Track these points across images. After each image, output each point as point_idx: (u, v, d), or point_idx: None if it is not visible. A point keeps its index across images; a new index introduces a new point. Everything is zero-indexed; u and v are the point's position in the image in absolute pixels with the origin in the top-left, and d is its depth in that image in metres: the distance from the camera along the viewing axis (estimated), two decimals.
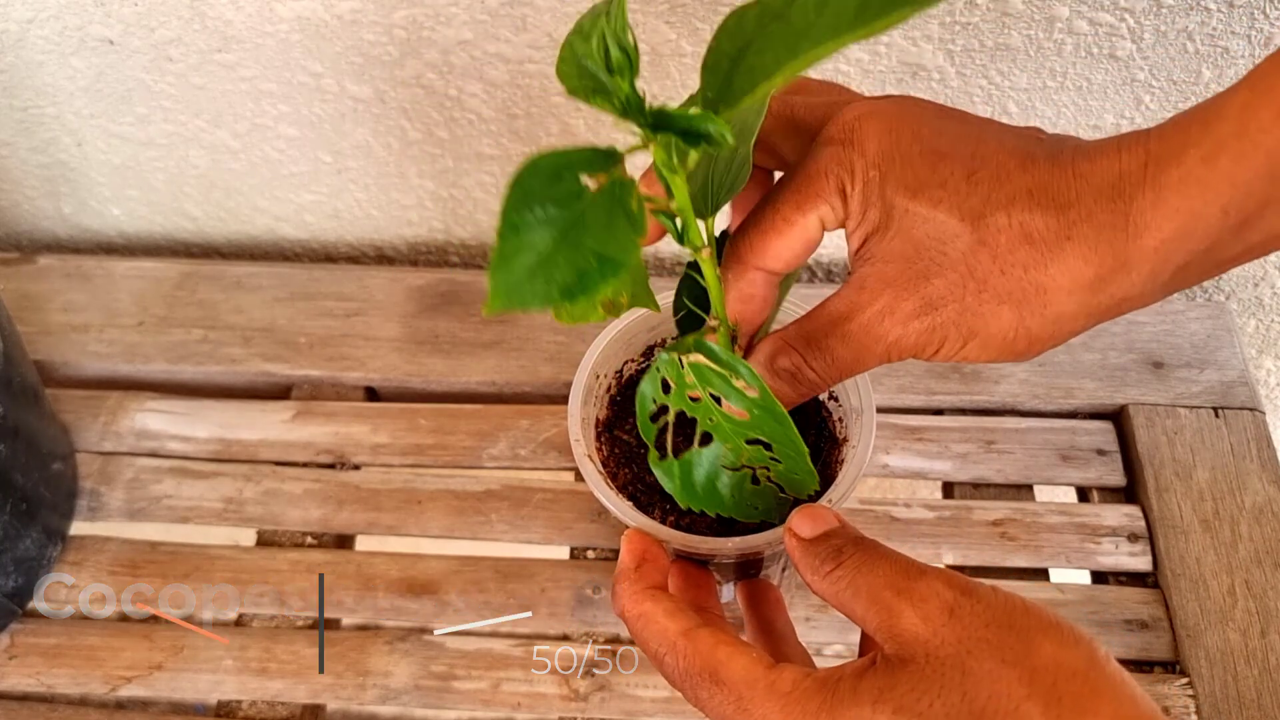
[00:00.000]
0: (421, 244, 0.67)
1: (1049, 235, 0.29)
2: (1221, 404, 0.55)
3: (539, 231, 0.24)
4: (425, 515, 0.53)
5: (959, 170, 0.29)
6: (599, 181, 0.25)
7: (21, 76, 0.57)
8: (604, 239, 0.24)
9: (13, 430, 0.47)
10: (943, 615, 0.27)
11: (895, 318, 0.31)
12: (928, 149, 0.30)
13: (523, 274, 0.23)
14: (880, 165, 0.30)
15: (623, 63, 0.26)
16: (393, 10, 0.51)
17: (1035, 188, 0.29)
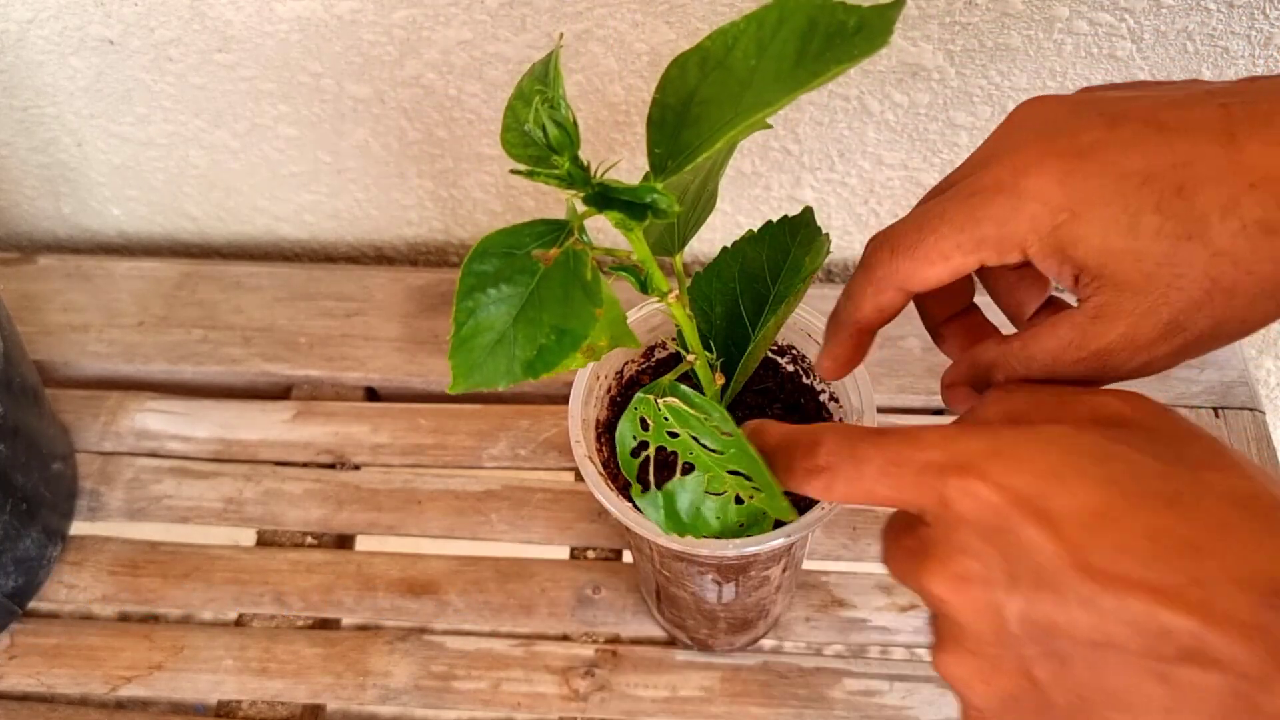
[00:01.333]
0: (421, 244, 0.67)
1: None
2: (1221, 404, 0.55)
3: (494, 309, 0.24)
4: (425, 515, 0.53)
5: (1166, 189, 0.27)
6: (550, 256, 0.24)
7: (21, 76, 0.57)
8: (561, 312, 0.24)
9: (13, 430, 0.47)
10: (1142, 401, 0.28)
11: (1138, 346, 0.28)
12: (1115, 172, 0.27)
13: (482, 353, 0.23)
14: (1069, 208, 0.27)
15: (562, 140, 0.26)
16: (392, 10, 0.51)
17: (1258, 179, 0.26)
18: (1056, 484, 0.25)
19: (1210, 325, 0.27)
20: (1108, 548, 0.24)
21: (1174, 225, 0.26)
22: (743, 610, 0.45)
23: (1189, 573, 0.23)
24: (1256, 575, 0.23)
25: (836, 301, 0.33)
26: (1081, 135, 0.27)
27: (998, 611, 0.25)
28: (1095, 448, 0.26)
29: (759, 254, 0.37)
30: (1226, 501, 0.24)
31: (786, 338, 0.43)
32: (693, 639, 0.48)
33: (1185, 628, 0.23)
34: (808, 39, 0.22)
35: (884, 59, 0.52)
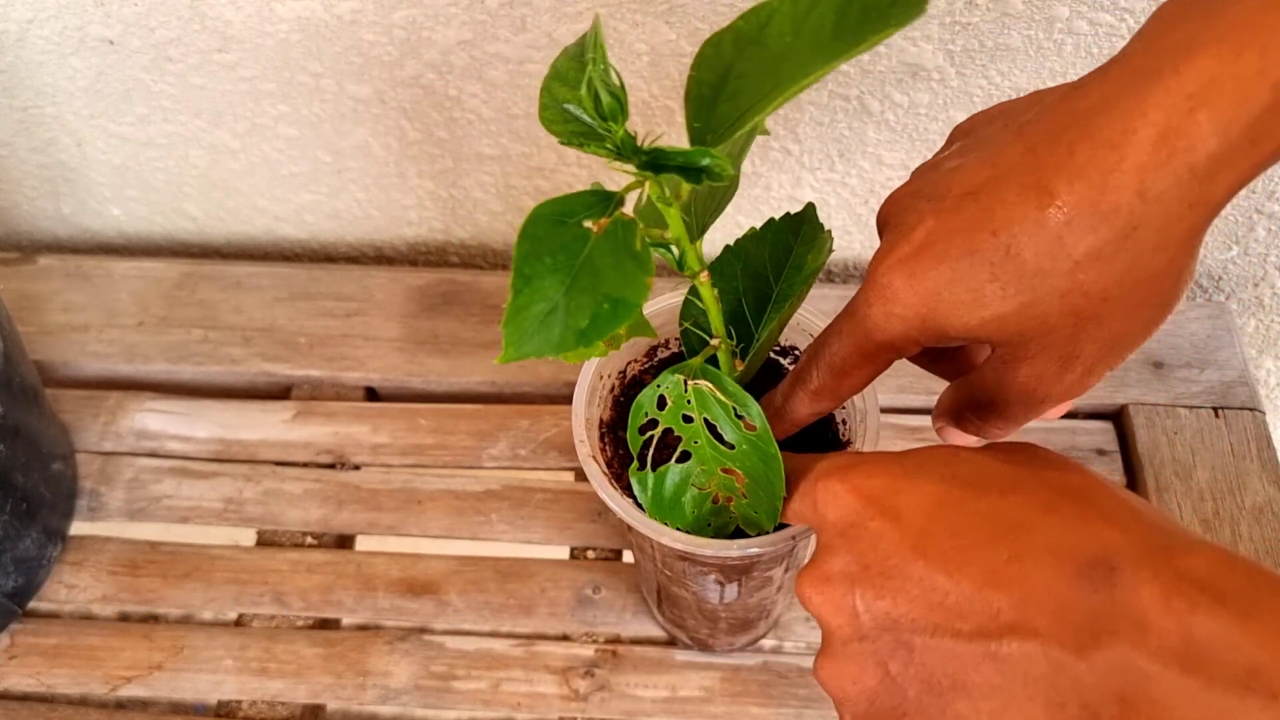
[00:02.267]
0: (421, 244, 0.67)
1: (1112, 245, 0.27)
2: (1221, 404, 0.55)
3: (550, 280, 0.24)
4: (425, 515, 0.53)
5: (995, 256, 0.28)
6: (601, 225, 0.25)
7: (21, 76, 0.57)
8: (614, 281, 0.24)
9: (13, 430, 0.47)
10: None
11: (1049, 379, 0.30)
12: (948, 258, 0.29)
13: (535, 323, 0.24)
14: (925, 304, 0.30)
15: (614, 108, 0.26)
16: (392, 10, 0.51)
17: (1070, 216, 0.27)
18: (905, 482, 0.28)
19: (1100, 348, 0.29)
20: (942, 531, 0.27)
21: (1014, 287, 0.28)
22: (744, 610, 0.45)
23: (1012, 549, 0.25)
24: (1075, 550, 0.25)
25: (770, 399, 0.36)
26: (915, 232, 0.29)
27: (853, 607, 0.27)
28: (947, 454, 0.29)
29: (761, 252, 0.37)
30: (1057, 489, 0.27)
31: (789, 338, 0.43)
32: (693, 639, 0.48)
33: (1007, 602, 0.25)
34: (844, 13, 0.22)
35: (884, 59, 0.52)
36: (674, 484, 0.34)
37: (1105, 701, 0.23)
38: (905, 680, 0.27)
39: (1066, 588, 0.24)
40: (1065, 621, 0.24)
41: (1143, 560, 0.24)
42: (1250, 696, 0.21)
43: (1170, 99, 0.26)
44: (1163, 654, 0.23)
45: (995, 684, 0.25)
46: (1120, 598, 0.24)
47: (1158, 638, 0.23)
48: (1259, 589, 0.23)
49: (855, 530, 0.28)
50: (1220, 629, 0.22)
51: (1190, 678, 0.22)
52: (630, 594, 0.51)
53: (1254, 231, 0.60)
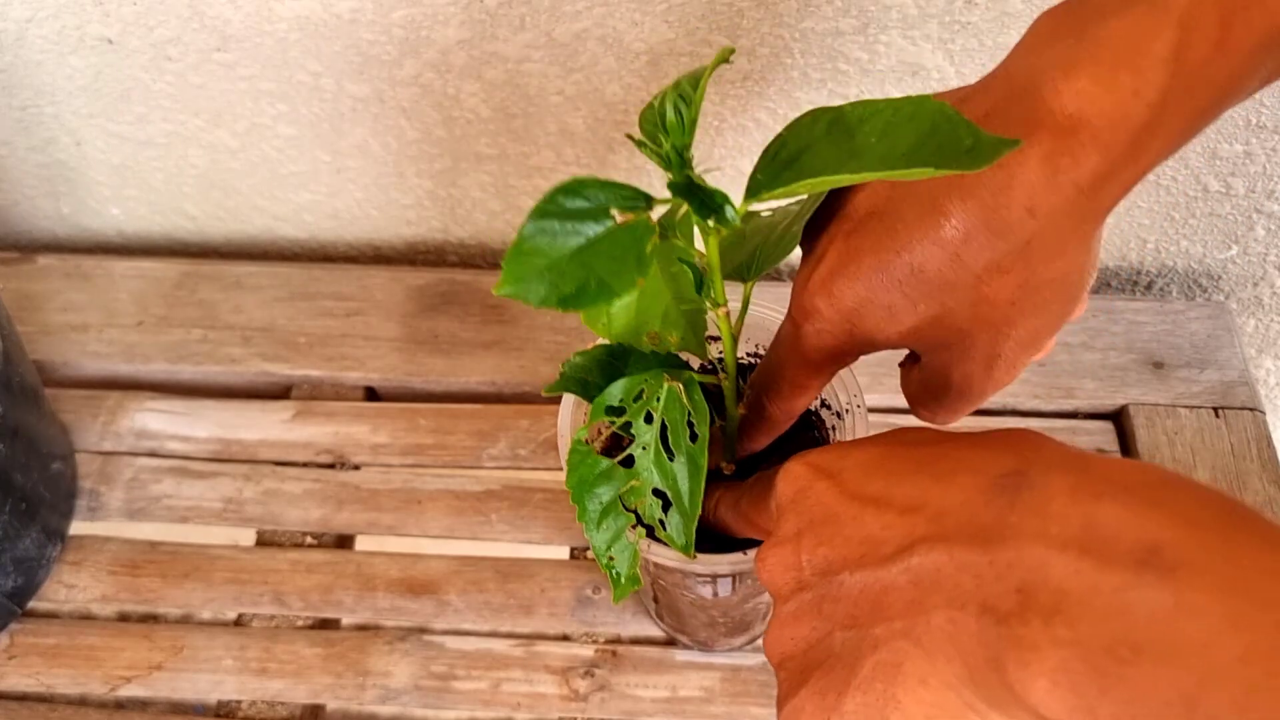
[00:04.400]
0: (420, 243, 0.67)
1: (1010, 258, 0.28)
2: (1221, 404, 0.55)
3: (560, 241, 0.26)
4: (425, 515, 0.53)
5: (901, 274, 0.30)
6: (625, 219, 0.27)
7: (20, 76, 0.57)
8: (611, 269, 0.26)
9: (12, 430, 0.47)
10: None
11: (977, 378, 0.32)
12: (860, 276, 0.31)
13: (533, 272, 0.26)
14: (847, 320, 0.31)
15: (674, 125, 0.29)
16: (391, 10, 0.51)
17: (966, 233, 0.28)
18: (851, 448, 0.30)
19: (1018, 345, 0.31)
20: (876, 477, 0.28)
21: (924, 303, 0.29)
22: (741, 614, 0.45)
23: (934, 475, 0.26)
24: (993, 466, 0.25)
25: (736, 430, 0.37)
26: (827, 254, 0.31)
27: (798, 561, 0.28)
28: (897, 430, 0.30)
29: None
30: (975, 441, 0.27)
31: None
32: (693, 640, 0.49)
33: (923, 518, 0.26)
34: (924, 141, 0.25)
35: (883, 58, 0.52)
36: (602, 501, 0.35)
37: (1004, 595, 0.23)
38: (834, 621, 0.27)
39: (979, 496, 0.25)
40: (973, 524, 0.24)
41: (1054, 465, 0.24)
42: (1146, 572, 0.21)
43: (1053, 119, 0.26)
44: (1062, 539, 0.22)
45: (909, 598, 0.25)
46: (1027, 497, 0.24)
47: (1059, 525, 0.23)
48: (1168, 484, 0.23)
49: (802, 495, 0.29)
50: (1122, 513, 0.22)
51: (1087, 559, 0.22)
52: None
53: (1253, 231, 0.60)
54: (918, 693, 0.25)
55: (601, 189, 0.27)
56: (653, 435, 0.34)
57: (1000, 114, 0.28)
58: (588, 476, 0.35)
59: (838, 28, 0.51)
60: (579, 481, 0.35)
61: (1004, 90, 0.28)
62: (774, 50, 0.52)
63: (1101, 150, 0.26)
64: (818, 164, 0.26)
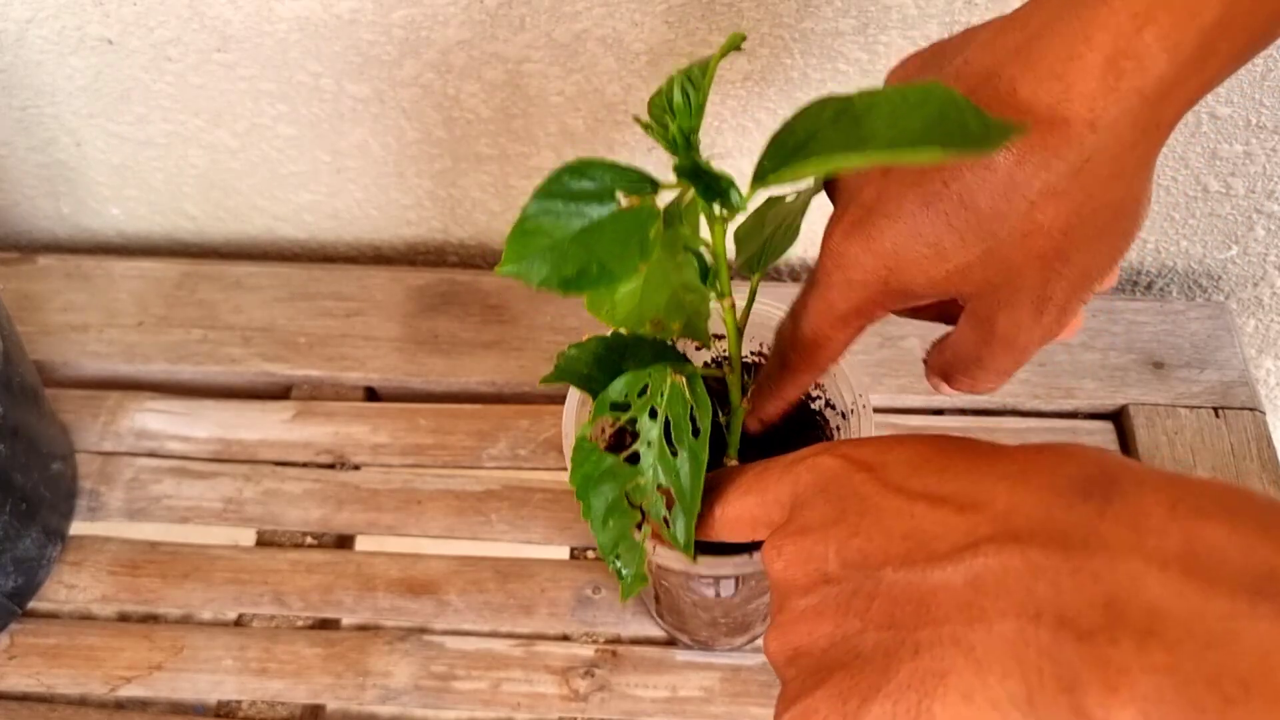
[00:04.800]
0: (420, 243, 0.67)
1: (1066, 180, 0.26)
2: (1221, 404, 0.55)
3: (563, 221, 0.26)
4: (425, 515, 0.53)
5: (949, 207, 0.28)
6: (631, 203, 0.27)
7: (20, 76, 0.57)
8: (613, 251, 0.26)
9: (13, 430, 0.47)
10: None
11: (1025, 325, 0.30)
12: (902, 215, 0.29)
13: (535, 252, 0.26)
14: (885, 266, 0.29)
15: (681, 107, 0.28)
16: (391, 10, 0.51)
17: (1021, 155, 0.26)
18: (892, 444, 0.28)
19: (1070, 284, 0.28)
20: (928, 475, 0.26)
21: (973, 235, 0.27)
22: (743, 616, 0.45)
23: (1000, 475, 0.24)
24: (1071, 471, 0.23)
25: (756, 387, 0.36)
26: (863, 193, 0.29)
27: (824, 553, 0.26)
28: (936, 435, 0.28)
29: None
30: (1041, 447, 0.25)
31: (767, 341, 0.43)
32: (694, 640, 0.49)
33: (987, 517, 0.23)
34: (933, 126, 0.24)
35: (884, 59, 0.52)
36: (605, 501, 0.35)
37: (1088, 608, 0.20)
38: (866, 620, 0.25)
39: (1057, 498, 0.23)
40: (1051, 527, 0.22)
41: (1147, 478, 0.22)
42: (1261, 602, 0.19)
43: (1115, 19, 0.24)
44: (1162, 556, 0.20)
45: (964, 601, 0.23)
46: (1120, 507, 0.21)
47: (1158, 540, 0.20)
48: (1275, 510, 0.21)
49: (836, 483, 0.27)
50: (1231, 536, 0.20)
51: (1191, 580, 0.19)
52: None
53: (1253, 231, 0.60)
54: (957, 709, 0.22)
55: (607, 171, 0.27)
56: (657, 431, 0.34)
57: (1056, 25, 0.25)
58: (592, 474, 0.34)
59: (837, 28, 0.51)
60: (583, 479, 0.34)
61: (1052, 5, 0.26)
62: (774, 50, 0.52)
63: (1169, 51, 0.24)
64: (825, 150, 0.26)
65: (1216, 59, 0.25)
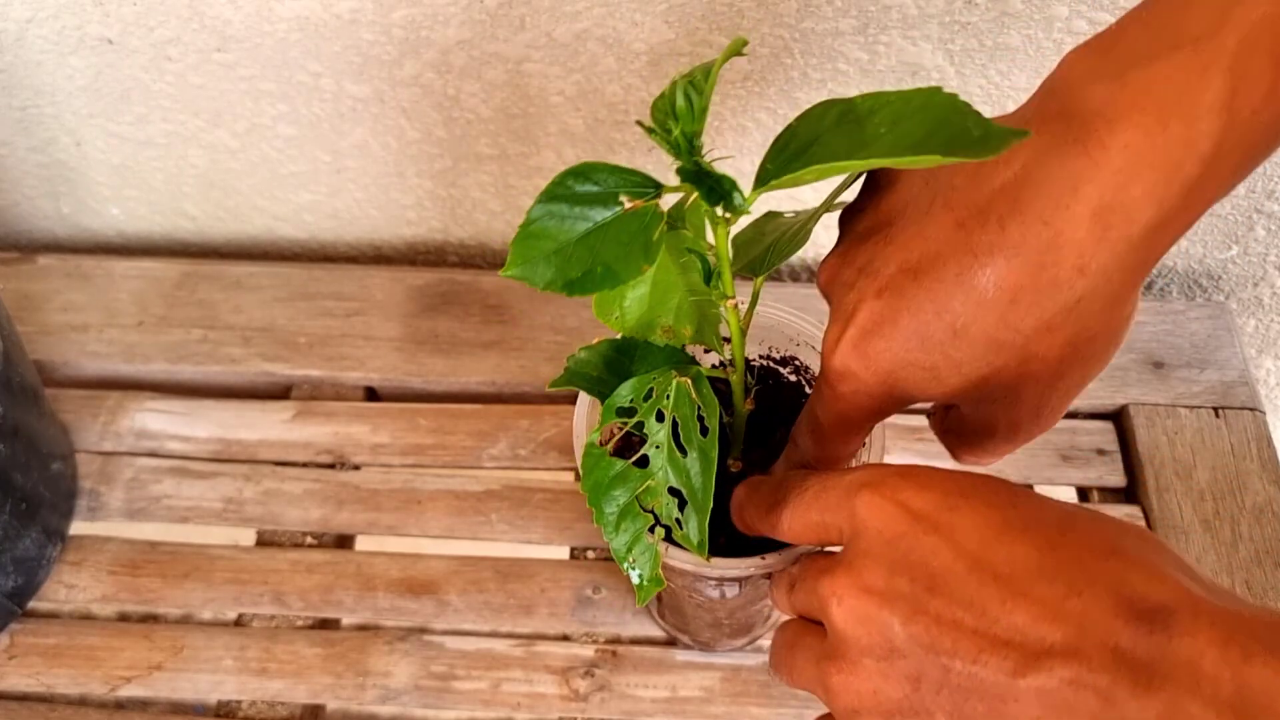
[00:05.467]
0: (420, 243, 0.67)
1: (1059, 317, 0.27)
2: (1221, 404, 0.55)
3: (568, 225, 0.26)
4: (425, 515, 0.53)
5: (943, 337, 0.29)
6: (634, 205, 0.27)
7: (20, 76, 0.57)
8: (618, 255, 0.27)
9: (13, 430, 0.47)
10: None
11: (1026, 422, 0.31)
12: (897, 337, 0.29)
13: (540, 255, 0.26)
14: (886, 383, 0.30)
15: (684, 111, 0.29)
16: (391, 10, 0.51)
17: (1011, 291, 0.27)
18: (960, 500, 0.27)
19: (1065, 393, 0.30)
20: (1000, 559, 0.26)
21: (969, 365, 0.28)
22: (746, 617, 0.45)
23: (1071, 585, 0.25)
24: (1135, 594, 0.24)
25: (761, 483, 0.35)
26: (858, 314, 0.29)
27: (890, 622, 0.27)
28: (999, 483, 0.28)
29: None
30: (1115, 535, 0.26)
31: (789, 349, 0.43)
32: (695, 641, 0.49)
33: (1060, 635, 0.24)
34: (935, 131, 0.24)
35: (883, 58, 0.52)
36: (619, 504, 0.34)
37: None
38: (934, 703, 0.26)
39: (1124, 627, 0.24)
40: (1120, 658, 0.24)
41: (1201, 610, 0.24)
42: None
43: (1101, 174, 0.25)
44: (1216, 702, 0.22)
45: (1033, 715, 0.24)
46: (1177, 643, 0.23)
47: (1211, 685, 0.22)
48: None
49: (905, 542, 0.27)
50: (1275, 680, 0.22)
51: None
52: (630, 594, 0.51)
53: (1253, 231, 0.60)
54: None
55: (611, 174, 0.27)
56: (665, 433, 0.34)
57: (1042, 172, 0.26)
58: (603, 480, 0.34)
59: (837, 28, 0.51)
60: (594, 485, 0.34)
61: (1043, 143, 0.26)
62: (774, 50, 0.52)
63: (1155, 204, 0.25)
64: (827, 154, 0.26)
65: (1202, 200, 0.26)
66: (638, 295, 0.34)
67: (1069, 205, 0.25)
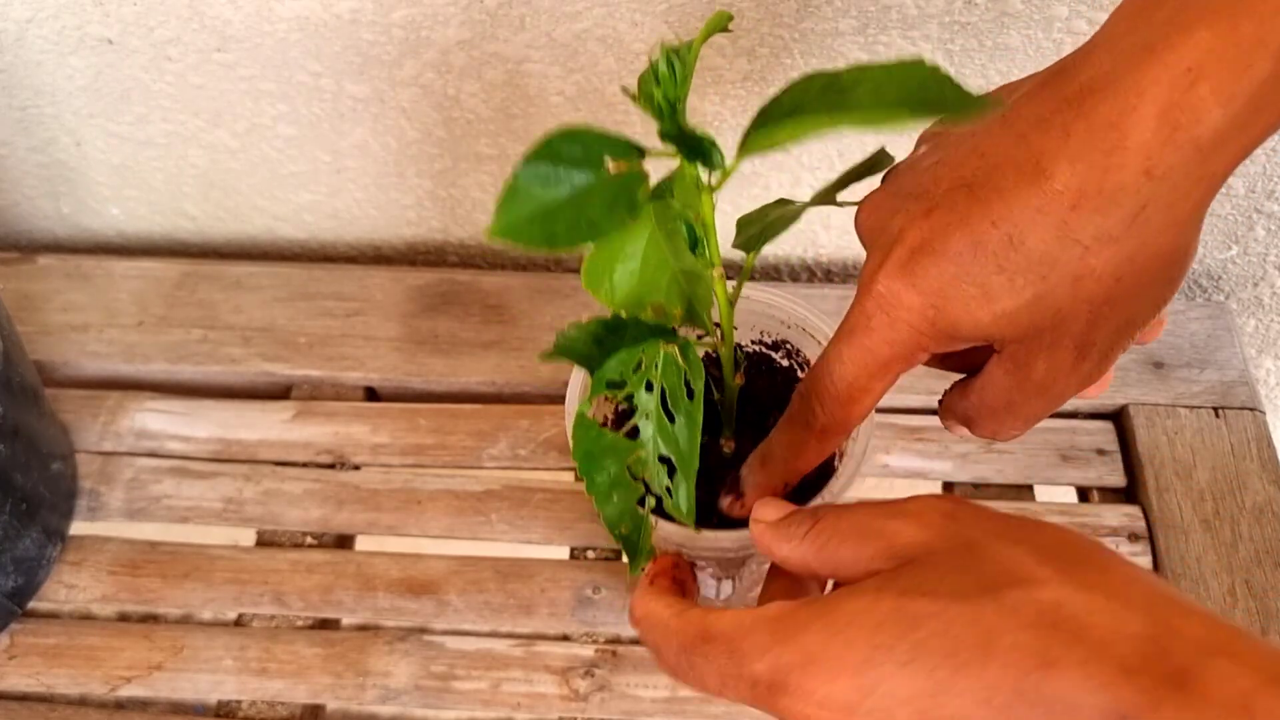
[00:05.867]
0: (420, 243, 0.67)
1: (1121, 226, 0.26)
2: (1221, 404, 0.55)
3: (551, 188, 0.27)
4: (425, 515, 0.53)
5: (998, 247, 0.27)
6: (618, 167, 0.27)
7: (20, 76, 0.57)
8: (602, 211, 0.27)
9: (13, 430, 0.47)
10: (942, 519, 0.27)
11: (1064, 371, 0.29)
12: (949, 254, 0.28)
13: (523, 218, 0.27)
14: (931, 305, 0.28)
15: (667, 77, 0.29)
16: (391, 10, 0.51)
17: (1075, 200, 0.26)
18: (873, 677, 0.24)
19: (1113, 331, 0.28)
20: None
21: (1024, 278, 0.27)
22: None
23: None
24: (1065, 704, 0.22)
25: (763, 453, 0.34)
26: (908, 233, 0.28)
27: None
28: (898, 621, 0.25)
29: None
30: (1033, 629, 0.24)
31: (780, 333, 0.43)
32: None
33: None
34: (913, 96, 0.25)
35: (883, 59, 0.52)
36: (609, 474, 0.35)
37: None
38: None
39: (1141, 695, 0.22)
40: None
41: (1160, 696, 0.22)
42: None
43: (1170, 73, 0.25)
44: None
45: None
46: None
47: None
48: None
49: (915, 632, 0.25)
50: None
51: None
52: (630, 594, 0.51)
53: (1253, 231, 0.60)
54: None
55: (595, 138, 0.27)
56: (654, 402, 0.34)
57: (1110, 78, 0.26)
58: (593, 450, 0.34)
59: (837, 28, 0.51)
60: (585, 455, 0.34)
61: (1111, 55, 0.26)
62: (774, 50, 0.52)
63: (1224, 104, 0.24)
64: (808, 119, 0.27)
65: (1271, 111, 0.25)
66: (628, 269, 0.34)
67: (1135, 107, 0.25)
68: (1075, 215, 0.26)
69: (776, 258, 0.65)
